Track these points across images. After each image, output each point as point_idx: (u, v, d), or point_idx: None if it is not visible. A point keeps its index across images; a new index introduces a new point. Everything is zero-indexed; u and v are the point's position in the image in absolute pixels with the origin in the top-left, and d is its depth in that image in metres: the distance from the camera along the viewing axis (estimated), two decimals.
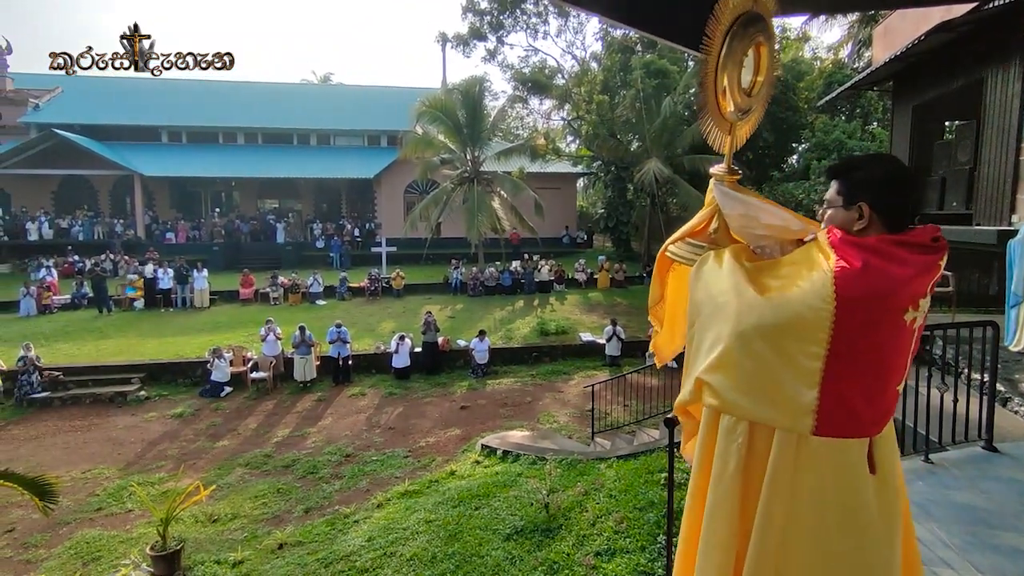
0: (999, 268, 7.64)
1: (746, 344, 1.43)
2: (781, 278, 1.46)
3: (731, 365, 1.45)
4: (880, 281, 1.34)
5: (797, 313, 1.37)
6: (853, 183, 1.49)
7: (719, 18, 1.66)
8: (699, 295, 1.61)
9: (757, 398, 1.42)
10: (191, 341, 14.26)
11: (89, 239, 23.71)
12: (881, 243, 1.40)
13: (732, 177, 1.75)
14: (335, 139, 29.36)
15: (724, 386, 1.46)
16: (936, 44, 8.13)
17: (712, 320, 1.53)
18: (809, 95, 23.34)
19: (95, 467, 9.09)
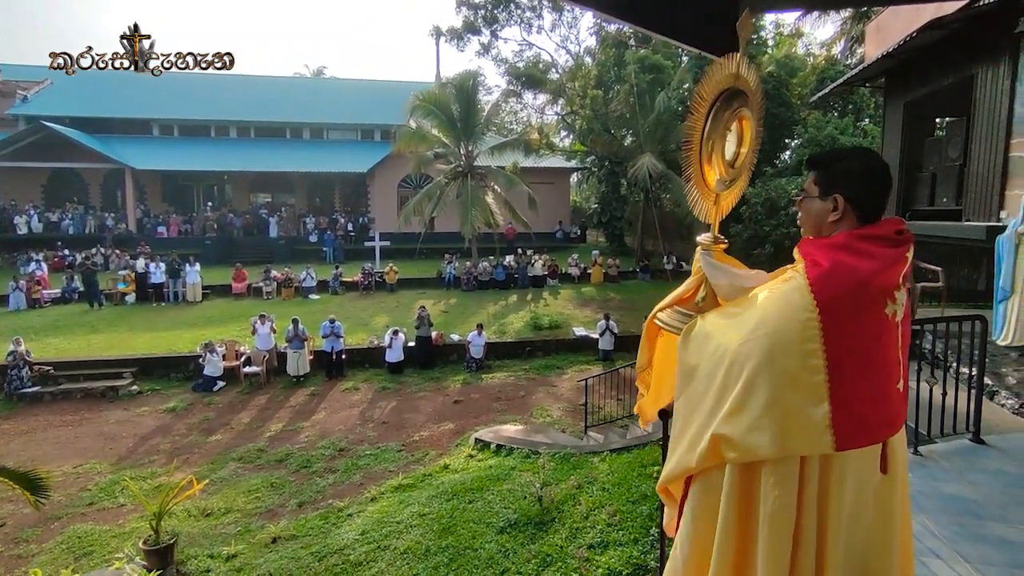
0: (988, 264, 7.73)
1: (751, 382, 1.38)
2: (760, 306, 1.45)
3: (742, 409, 1.39)
4: (850, 277, 1.36)
5: (787, 329, 1.36)
6: (830, 174, 1.50)
7: (702, 94, 1.74)
8: (690, 359, 1.58)
9: (775, 432, 1.35)
10: (183, 335, 14.20)
11: (79, 233, 23.52)
12: (848, 239, 1.43)
13: (719, 247, 1.78)
14: (328, 133, 29.21)
15: (739, 432, 1.38)
16: (928, 41, 8.18)
17: (711, 378, 1.49)
18: (802, 91, 23.41)
19: (87, 462, 9.05)
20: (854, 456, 1.38)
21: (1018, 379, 4.87)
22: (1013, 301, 5.62)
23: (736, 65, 1.69)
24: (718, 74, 1.71)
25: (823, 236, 1.51)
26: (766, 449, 1.36)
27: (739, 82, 1.70)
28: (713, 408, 1.45)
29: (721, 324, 1.54)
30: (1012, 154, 7.05)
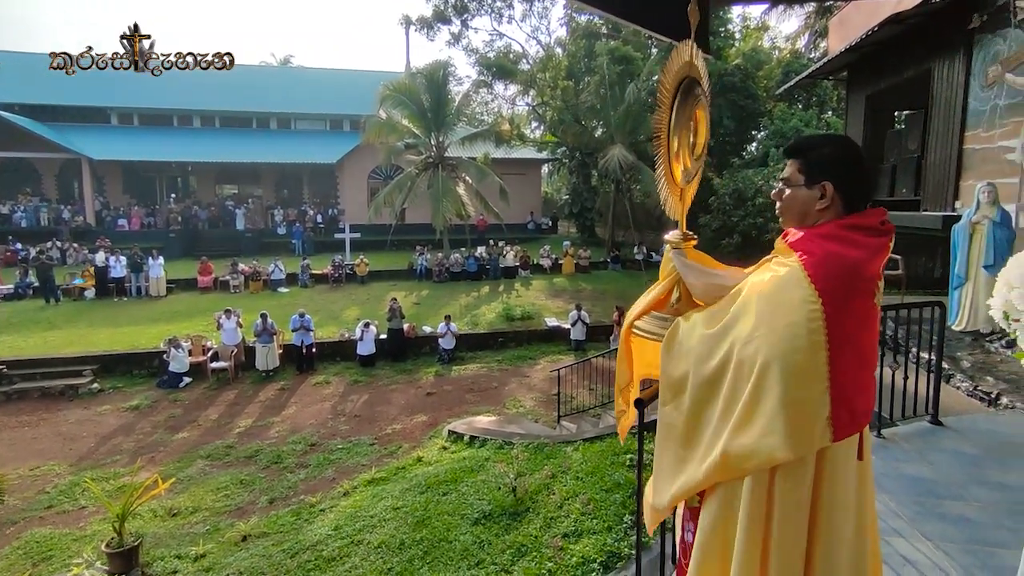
0: (943, 252, 8.00)
1: (762, 382, 1.33)
2: (757, 302, 1.40)
3: (754, 413, 1.34)
4: (843, 266, 1.35)
5: (794, 322, 1.32)
6: (815, 162, 1.47)
7: (663, 86, 1.75)
8: (678, 367, 1.51)
9: (790, 432, 1.31)
10: (147, 331, 13.78)
11: (33, 226, 22.59)
12: (836, 228, 1.42)
13: (689, 243, 1.75)
14: (296, 123, 28.63)
15: (753, 439, 1.33)
16: (888, 36, 8.38)
17: (713, 384, 1.43)
18: (768, 84, 23.83)
19: (45, 463, 8.73)
20: (841, 445, 1.39)
21: (972, 363, 5.06)
22: (967, 288, 5.84)
23: (688, 53, 1.70)
24: (675, 64, 1.73)
25: (807, 225, 1.49)
26: (783, 452, 1.32)
27: (692, 70, 1.70)
28: (722, 416, 1.40)
29: (711, 326, 1.48)
30: (966, 146, 7.29)
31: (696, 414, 1.47)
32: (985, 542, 2.53)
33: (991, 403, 4.34)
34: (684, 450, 1.50)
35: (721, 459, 1.37)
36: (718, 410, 1.40)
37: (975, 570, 2.36)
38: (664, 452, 1.57)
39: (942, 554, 2.46)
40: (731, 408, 1.37)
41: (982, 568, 2.36)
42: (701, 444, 1.45)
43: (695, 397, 1.47)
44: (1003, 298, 1.60)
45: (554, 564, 4.55)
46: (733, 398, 1.37)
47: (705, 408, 1.45)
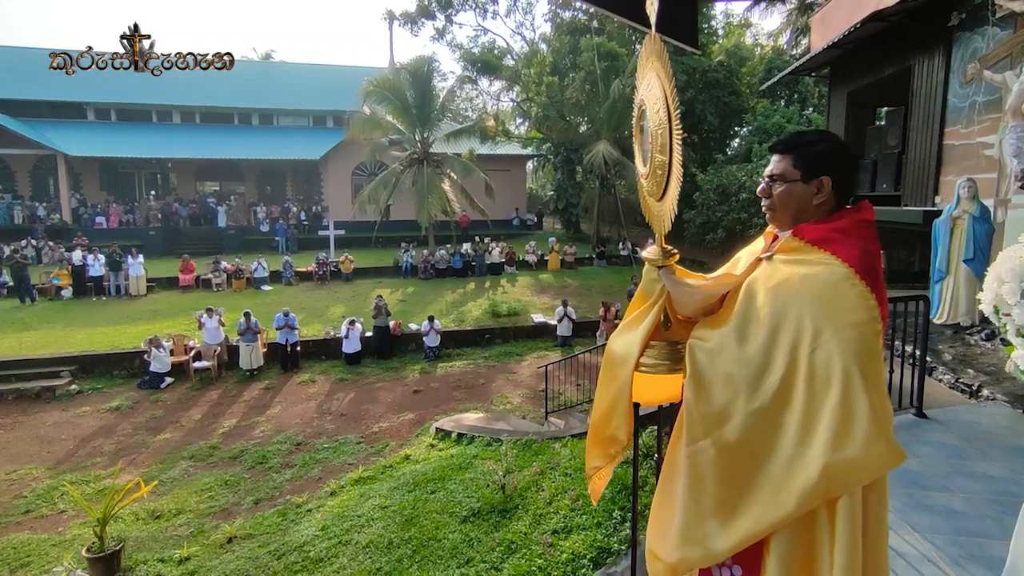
0: (922, 247, 8.13)
1: (849, 388, 1.24)
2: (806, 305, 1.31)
3: (851, 422, 1.23)
4: (875, 260, 1.36)
5: (862, 321, 1.27)
6: (811, 157, 1.46)
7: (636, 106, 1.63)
8: (719, 395, 1.38)
9: (888, 434, 1.24)
10: (127, 331, 13.53)
11: (7, 224, 22.09)
12: (851, 225, 1.41)
13: (671, 260, 1.61)
14: (278, 119, 28.27)
15: (858, 449, 1.22)
16: (869, 33, 8.47)
17: (777, 405, 1.30)
18: (751, 80, 24.03)
19: (21, 467, 8.53)
20: None
21: (953, 355, 5.14)
22: (948, 281, 5.93)
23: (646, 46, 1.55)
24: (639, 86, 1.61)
25: (804, 220, 1.46)
26: (894, 456, 1.24)
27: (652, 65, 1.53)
28: (804, 434, 1.27)
29: (746, 341, 1.38)
30: (946, 142, 7.40)
31: (753, 443, 1.33)
32: (972, 532, 2.56)
33: (972, 395, 4.41)
34: (735, 488, 1.35)
35: (822, 479, 1.23)
36: (793, 430, 1.28)
37: (963, 560, 2.39)
38: (701, 497, 1.40)
39: (930, 545, 2.49)
40: (814, 424, 1.26)
41: (970, 558, 2.39)
42: (770, 473, 1.30)
43: (750, 424, 1.33)
44: (993, 292, 1.61)
45: (544, 561, 4.55)
46: (813, 412, 1.26)
47: (769, 433, 1.31)
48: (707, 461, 1.38)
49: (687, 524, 1.41)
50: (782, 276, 1.39)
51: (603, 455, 1.74)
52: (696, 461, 1.40)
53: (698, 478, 1.40)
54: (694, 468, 1.40)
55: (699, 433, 1.40)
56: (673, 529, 1.45)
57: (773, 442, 1.30)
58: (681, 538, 1.42)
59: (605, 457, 1.74)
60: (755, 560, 1.38)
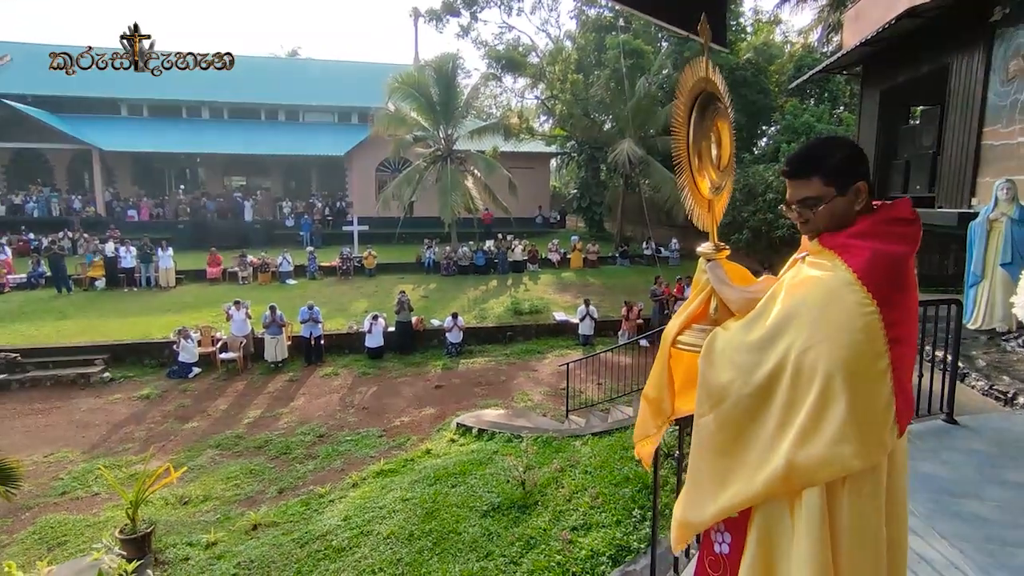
0: (957, 250, 7.92)
1: (827, 390, 1.28)
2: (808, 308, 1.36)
3: (821, 422, 1.29)
4: (889, 263, 1.34)
5: (854, 328, 1.29)
6: (839, 168, 1.44)
7: (678, 103, 1.74)
8: (720, 376, 1.47)
9: (863, 440, 1.28)
10: (157, 321, 13.89)
11: (45, 216, 22.79)
12: (875, 225, 1.40)
13: (722, 254, 1.75)
14: (304, 115, 28.63)
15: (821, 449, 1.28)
16: (904, 30, 8.27)
17: (765, 393, 1.38)
18: (779, 78, 23.61)
19: (58, 450, 8.83)
20: (900, 442, 1.40)
21: (988, 361, 5.01)
22: (983, 286, 5.78)
23: (704, 69, 1.72)
24: (689, 80, 1.74)
25: (847, 226, 1.45)
26: (858, 460, 1.28)
27: (708, 85, 1.73)
28: (779, 426, 1.35)
29: (752, 333, 1.44)
30: (984, 142, 7.20)
31: (742, 424, 1.43)
32: (1001, 541, 2.51)
33: (1007, 402, 4.30)
34: (726, 461, 1.46)
35: (785, 470, 1.32)
36: (773, 420, 1.36)
37: (991, 569, 2.34)
38: (702, 464, 1.52)
39: (957, 552, 2.45)
40: (790, 418, 1.33)
41: (998, 567, 2.35)
42: (750, 455, 1.41)
43: (742, 406, 1.42)
44: None
45: (563, 557, 4.57)
46: (792, 408, 1.33)
47: (754, 418, 1.40)
48: (708, 433, 1.49)
49: (690, 489, 1.56)
50: (799, 279, 1.44)
51: (652, 424, 1.87)
52: (700, 433, 1.52)
53: (700, 448, 1.52)
54: (697, 439, 1.53)
55: (704, 408, 1.50)
56: (682, 492, 1.61)
57: (756, 428, 1.40)
58: (685, 501, 1.58)
59: (653, 426, 1.86)
60: (742, 530, 1.51)
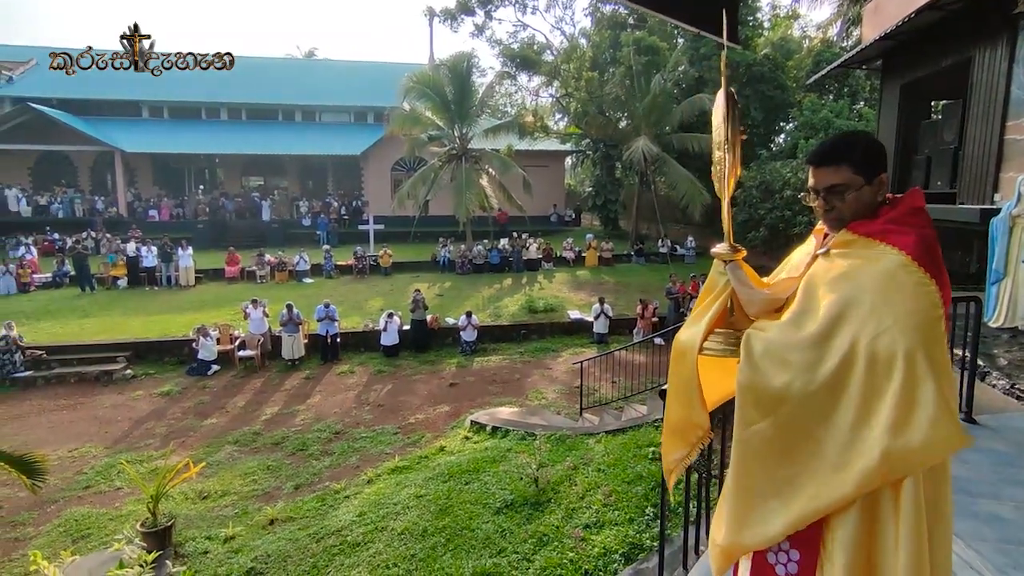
0: (979, 246, 7.77)
1: (913, 374, 1.24)
2: (868, 294, 1.34)
3: (915, 406, 1.24)
4: (933, 245, 1.37)
5: (922, 309, 1.29)
6: (865, 159, 1.49)
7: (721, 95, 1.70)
8: (774, 379, 1.40)
9: (954, 418, 1.25)
10: (177, 319, 14.13)
11: (69, 216, 23.27)
12: (905, 214, 1.44)
13: (739, 255, 1.72)
14: (321, 115, 28.88)
15: (923, 433, 1.22)
16: (926, 22, 8.11)
17: (835, 388, 1.32)
18: (797, 74, 23.29)
19: (82, 445, 9.04)
20: None
21: (1009, 360, 4.92)
22: (1006, 283, 5.66)
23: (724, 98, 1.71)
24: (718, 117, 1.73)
25: (867, 217, 1.49)
26: (958, 440, 1.24)
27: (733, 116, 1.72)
28: (861, 418, 1.30)
29: (804, 328, 1.40)
30: (1008, 136, 7.04)
31: (809, 425, 1.36)
32: (1019, 541, 2.47)
33: None
34: (791, 468, 1.38)
35: (882, 462, 1.25)
36: (850, 414, 1.31)
37: (1008, 569, 2.31)
38: (756, 477, 1.44)
39: (974, 553, 2.41)
40: (874, 408, 1.28)
41: (1015, 567, 2.31)
42: (824, 456, 1.34)
43: (808, 406, 1.36)
44: None
45: (576, 554, 4.58)
46: (874, 397, 1.28)
47: (825, 416, 1.34)
48: (763, 442, 1.41)
49: (741, 507, 1.46)
50: (840, 269, 1.42)
51: (684, 444, 1.76)
52: (751, 444, 1.43)
53: (752, 461, 1.44)
54: (748, 451, 1.44)
55: (754, 417, 1.43)
56: (727, 513, 1.50)
57: (829, 426, 1.33)
58: (735, 522, 1.47)
59: (686, 446, 1.76)
60: (813, 545, 1.41)
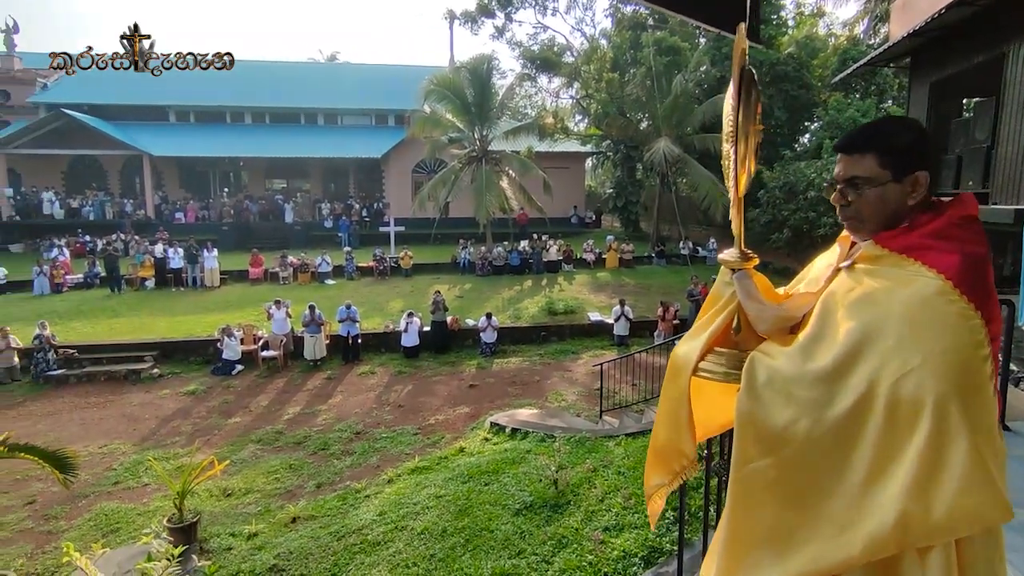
0: (1015, 248, 7.55)
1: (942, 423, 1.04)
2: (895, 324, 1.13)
3: (942, 464, 1.04)
4: (983, 267, 1.16)
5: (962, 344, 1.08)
6: (901, 152, 1.25)
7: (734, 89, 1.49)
8: (780, 414, 1.21)
9: (995, 482, 1.05)
10: (202, 320, 14.40)
11: (99, 219, 23.89)
12: (949, 226, 1.21)
13: (751, 263, 1.50)
14: (342, 118, 29.21)
15: (949, 499, 1.03)
16: (956, 19, 7.93)
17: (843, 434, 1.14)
18: (823, 73, 22.94)
19: (111, 442, 9.27)
20: None
21: None
22: None
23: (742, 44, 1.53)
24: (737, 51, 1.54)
25: (895, 225, 1.28)
26: (999, 512, 1.04)
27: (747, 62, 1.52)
28: (874, 473, 1.10)
29: (817, 359, 1.21)
30: None
31: (815, 471, 1.18)
32: None
33: None
34: (794, 516, 1.20)
35: (895, 527, 1.05)
36: (863, 465, 1.11)
37: None
38: (757, 520, 1.26)
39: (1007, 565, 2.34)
40: (891, 462, 1.08)
41: None
42: (831, 509, 1.15)
43: (814, 451, 1.17)
44: None
45: (595, 557, 4.55)
46: (893, 449, 1.09)
47: (833, 464, 1.16)
48: (762, 484, 1.24)
49: (731, 555, 1.29)
50: (864, 290, 1.22)
51: (666, 471, 1.59)
52: (748, 485, 1.26)
53: (748, 504, 1.27)
54: (744, 492, 1.28)
55: (753, 454, 1.25)
56: (717, 557, 1.33)
57: (837, 475, 1.14)
58: (725, 571, 1.30)
59: (668, 473, 1.58)
60: None
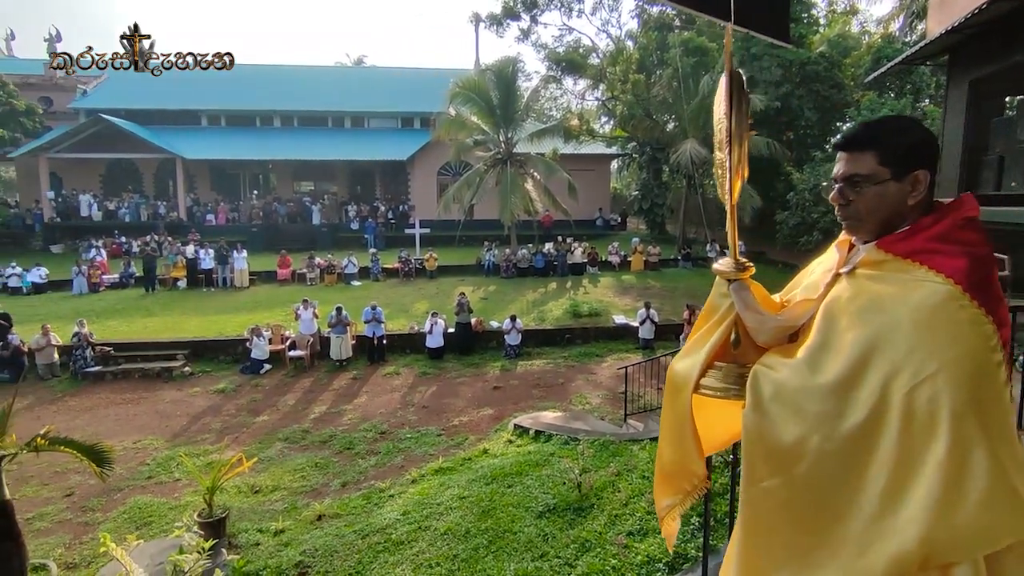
0: None
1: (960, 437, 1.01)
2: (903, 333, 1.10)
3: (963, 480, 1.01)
4: (991, 270, 1.15)
5: (975, 351, 1.06)
6: (903, 150, 1.23)
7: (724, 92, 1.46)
8: (789, 431, 1.18)
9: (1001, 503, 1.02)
10: (232, 320, 14.70)
11: (135, 220, 24.59)
12: (950, 228, 1.18)
13: (747, 273, 1.45)
14: (369, 121, 29.55)
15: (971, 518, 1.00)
16: (997, 14, 7.67)
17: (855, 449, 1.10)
18: (855, 72, 22.40)
19: (145, 438, 9.51)
20: None
21: None
22: None
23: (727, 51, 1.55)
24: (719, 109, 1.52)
25: (895, 226, 1.26)
26: (1021, 525, 1.01)
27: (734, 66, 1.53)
28: (892, 490, 1.06)
29: (824, 372, 1.17)
30: None
31: (829, 490, 1.14)
32: None
33: None
34: (807, 539, 1.17)
35: (920, 546, 1.01)
36: (882, 481, 1.08)
37: None
38: (770, 541, 1.22)
39: None
40: (910, 477, 1.05)
41: None
42: (846, 530, 1.11)
43: (828, 468, 1.14)
44: None
45: (618, 561, 4.50)
46: (911, 463, 1.05)
47: (845, 481, 1.12)
48: (774, 504, 1.21)
49: (742, 570, 1.26)
50: (868, 297, 1.19)
51: (676, 491, 1.54)
52: (759, 505, 1.23)
53: (760, 523, 1.24)
54: (756, 512, 1.24)
55: (763, 473, 1.22)
56: (734, 571, 1.30)
57: (854, 493, 1.11)
58: None
59: (679, 493, 1.54)
60: None
